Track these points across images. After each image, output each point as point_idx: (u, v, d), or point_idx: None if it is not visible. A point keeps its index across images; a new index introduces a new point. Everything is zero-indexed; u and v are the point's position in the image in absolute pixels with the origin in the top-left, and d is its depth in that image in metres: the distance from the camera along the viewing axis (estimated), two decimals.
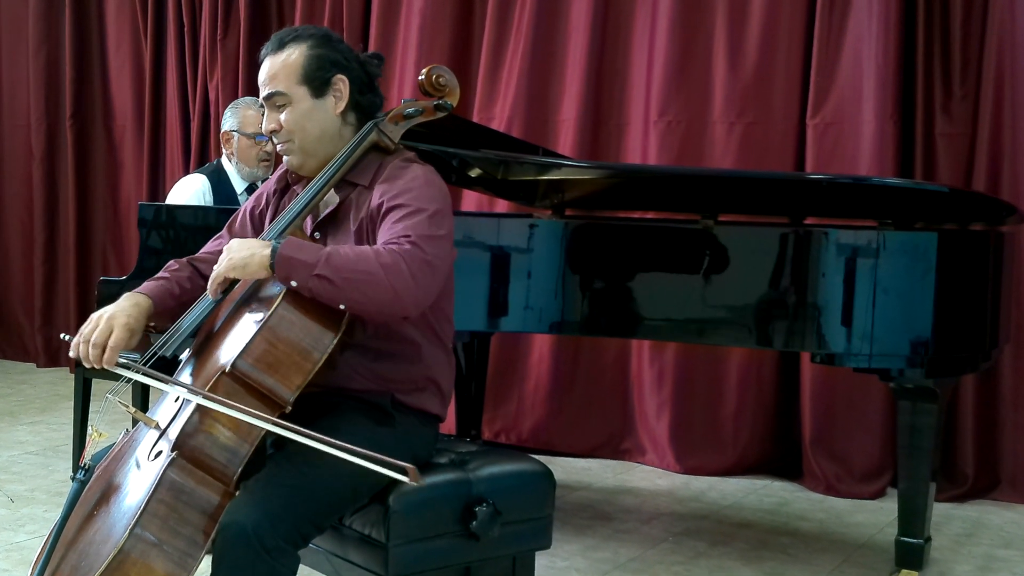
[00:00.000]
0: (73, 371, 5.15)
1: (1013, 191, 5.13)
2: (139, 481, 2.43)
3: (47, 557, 2.40)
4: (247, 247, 2.52)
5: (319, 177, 2.73)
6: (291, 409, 2.46)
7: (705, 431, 5.70)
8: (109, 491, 2.50)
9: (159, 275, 2.84)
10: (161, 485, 2.35)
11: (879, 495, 5.30)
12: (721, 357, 5.66)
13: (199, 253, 2.98)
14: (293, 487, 2.47)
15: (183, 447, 2.40)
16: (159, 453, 2.44)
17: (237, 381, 2.42)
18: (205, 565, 2.37)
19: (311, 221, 2.79)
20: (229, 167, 4.78)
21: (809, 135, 5.43)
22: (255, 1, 7.08)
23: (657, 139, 5.69)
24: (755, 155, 5.52)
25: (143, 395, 4.48)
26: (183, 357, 2.70)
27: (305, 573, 2.68)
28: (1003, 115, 5.18)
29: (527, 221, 4.23)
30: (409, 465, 2.24)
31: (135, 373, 2.51)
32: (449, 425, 5.36)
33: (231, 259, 2.51)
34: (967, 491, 5.25)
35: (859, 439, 5.37)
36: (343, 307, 2.48)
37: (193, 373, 2.58)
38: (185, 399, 2.49)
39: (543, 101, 6.03)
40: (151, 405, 2.66)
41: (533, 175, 4.51)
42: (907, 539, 4.02)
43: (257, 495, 2.42)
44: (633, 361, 5.90)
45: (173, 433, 2.43)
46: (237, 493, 2.43)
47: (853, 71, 5.31)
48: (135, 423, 2.68)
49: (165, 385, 2.49)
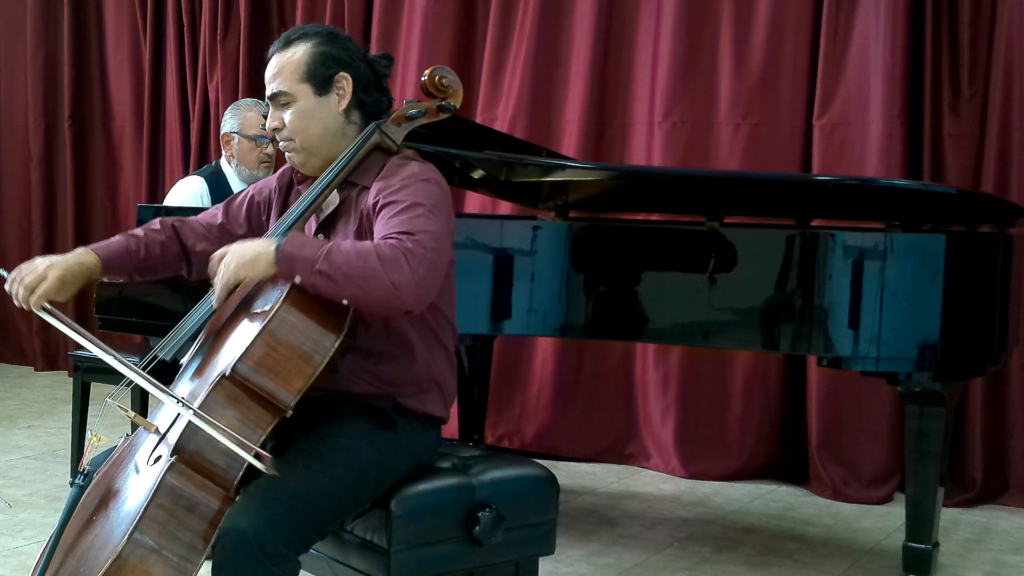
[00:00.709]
0: (72, 375, 5.16)
1: (1022, 192, 5.11)
2: (138, 486, 2.43)
3: (46, 563, 2.40)
4: (251, 248, 2.52)
5: (321, 179, 2.74)
6: (292, 414, 2.47)
7: (710, 435, 5.69)
8: (108, 496, 2.50)
9: (132, 232, 2.91)
10: (160, 490, 2.35)
11: (886, 500, 5.29)
12: (727, 360, 5.66)
13: (190, 219, 3.00)
14: (294, 492, 2.47)
15: (183, 452, 2.40)
16: (158, 458, 2.44)
17: (238, 385, 2.43)
18: (205, 571, 2.37)
19: (314, 222, 2.80)
20: (228, 169, 4.78)
21: (816, 136, 5.43)
22: (255, 1, 7.08)
23: (662, 140, 5.69)
24: (761, 156, 5.51)
25: (142, 399, 4.48)
26: (183, 361, 2.70)
27: None
28: (1012, 115, 5.17)
29: (531, 223, 4.23)
30: (266, 454, 2.35)
31: (135, 377, 2.51)
32: (452, 429, 5.36)
33: (238, 261, 2.51)
34: (975, 496, 5.25)
35: (866, 443, 5.37)
36: (345, 302, 2.49)
37: (193, 377, 2.58)
38: (185, 403, 2.49)
39: (547, 101, 6.03)
40: (151, 409, 2.66)
41: (536, 176, 4.51)
42: (915, 545, 4.02)
43: (257, 500, 2.42)
44: (638, 364, 5.90)
45: (173, 438, 2.43)
46: (237, 498, 2.43)
47: (860, 71, 5.31)
48: (134, 427, 2.69)
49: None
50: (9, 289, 2.67)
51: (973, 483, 5.28)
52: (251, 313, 2.55)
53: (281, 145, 2.82)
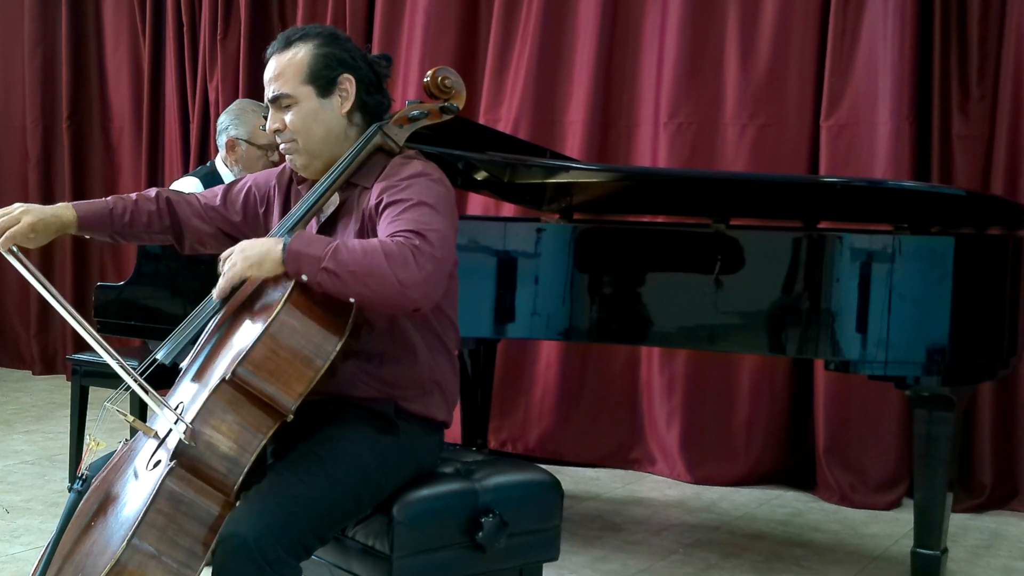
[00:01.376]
0: (70, 379, 5.16)
1: None
2: (137, 491, 2.43)
3: (44, 569, 2.41)
4: (259, 245, 2.53)
5: (323, 181, 2.74)
6: (293, 418, 2.47)
7: (717, 440, 5.69)
8: (107, 501, 2.50)
9: (126, 195, 2.94)
10: (160, 495, 2.35)
11: (895, 506, 5.29)
12: (733, 364, 5.65)
13: (189, 194, 3.02)
14: (295, 497, 2.47)
15: (182, 456, 2.40)
16: (158, 462, 2.44)
17: (238, 389, 2.43)
18: None
19: (315, 223, 2.80)
20: (224, 171, 4.76)
21: (823, 137, 5.42)
22: (256, 0, 7.09)
23: (667, 141, 5.69)
24: (768, 158, 5.51)
25: (141, 404, 4.48)
26: (183, 365, 2.71)
27: None
28: (1022, 116, 5.17)
29: (534, 225, 4.23)
30: (186, 422, 2.41)
31: (133, 382, 2.51)
32: (455, 434, 5.36)
33: (246, 258, 2.52)
34: (985, 501, 5.24)
35: (874, 448, 5.36)
36: (352, 300, 2.49)
37: (194, 380, 2.59)
38: (185, 407, 2.50)
39: (550, 102, 6.03)
40: (150, 414, 2.67)
41: (540, 178, 4.52)
42: (923, 551, 4.01)
43: (258, 506, 2.42)
44: (643, 368, 5.90)
45: (172, 442, 2.43)
46: (237, 503, 2.43)
47: (868, 71, 5.31)
48: (133, 432, 2.69)
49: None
50: None
51: (982, 488, 5.27)
52: (252, 316, 2.55)
53: (282, 147, 2.82)
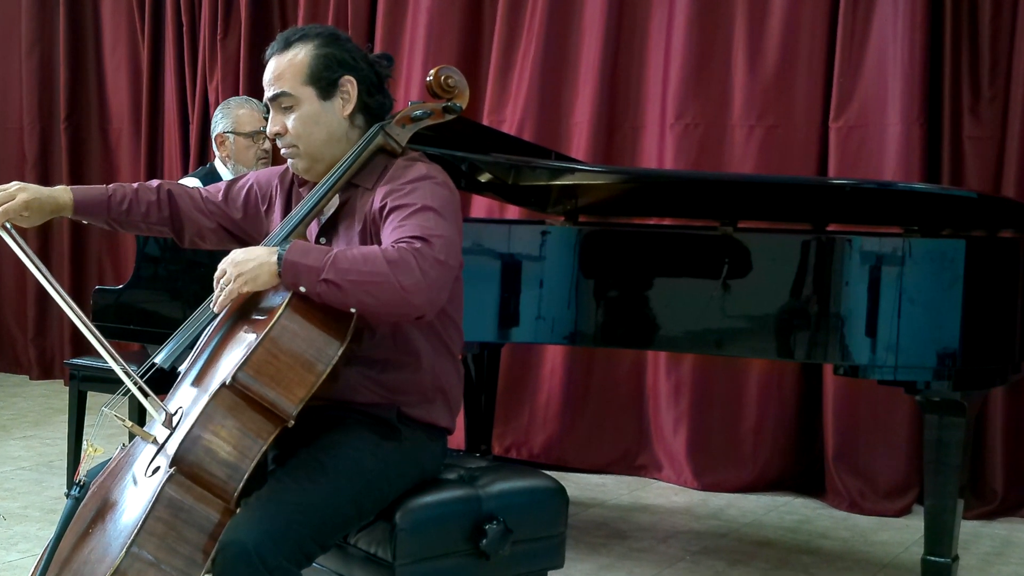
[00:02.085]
0: (67, 384, 5.16)
1: None
2: (136, 498, 2.43)
3: None
4: (253, 258, 2.51)
5: (324, 182, 2.74)
6: (294, 424, 2.47)
7: (724, 446, 5.69)
8: (105, 508, 2.50)
9: (127, 184, 2.96)
10: (159, 502, 2.35)
11: (905, 512, 5.28)
12: (741, 369, 5.65)
13: (193, 188, 3.03)
14: (296, 504, 2.47)
15: (182, 462, 2.40)
16: (157, 469, 2.44)
17: (238, 394, 2.43)
18: None
19: (316, 226, 2.80)
20: (223, 170, 4.78)
21: (832, 139, 5.42)
22: (256, 0, 7.09)
23: (674, 143, 5.69)
24: (776, 159, 5.51)
25: (140, 409, 4.45)
26: (182, 369, 2.71)
27: None
28: None
29: (539, 228, 4.23)
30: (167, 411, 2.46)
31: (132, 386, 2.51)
32: (458, 440, 5.37)
33: (240, 274, 2.50)
34: (996, 508, 5.24)
35: (884, 454, 5.36)
36: (354, 311, 2.49)
37: (193, 385, 2.59)
38: (184, 412, 2.50)
39: (556, 103, 6.03)
40: (149, 419, 2.67)
41: (545, 180, 4.52)
42: (934, 558, 4.00)
43: (258, 512, 2.43)
44: (649, 373, 5.89)
45: (171, 448, 2.43)
46: (238, 510, 2.43)
47: (878, 72, 5.31)
48: (132, 438, 2.69)
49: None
50: None
51: (994, 495, 5.27)
52: (252, 320, 2.55)
53: (283, 151, 2.81)
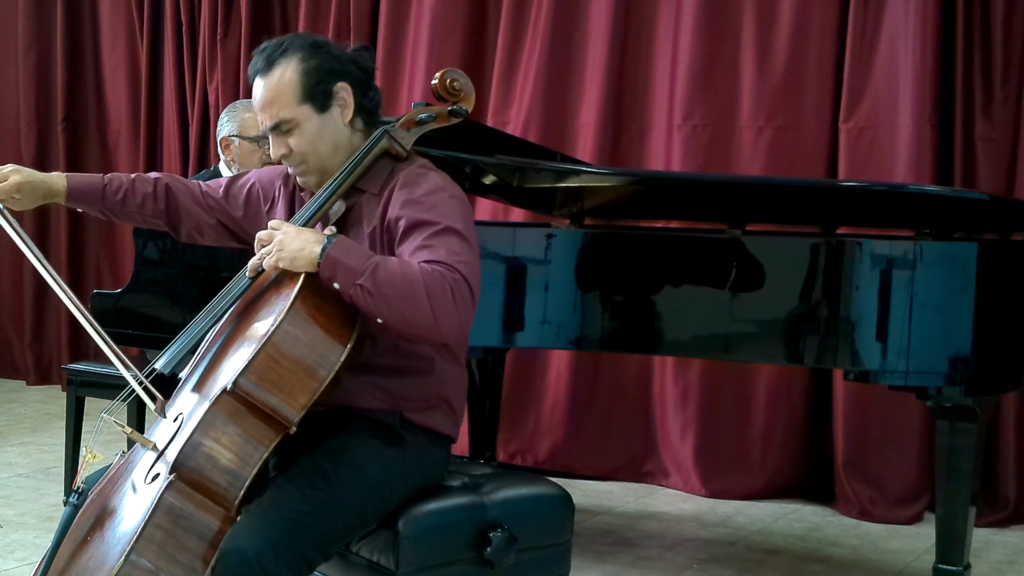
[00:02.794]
0: (65, 389, 5.16)
1: None
2: (135, 505, 2.43)
3: None
4: (301, 239, 2.54)
5: (327, 185, 2.74)
6: (295, 430, 2.47)
7: (732, 452, 5.69)
8: (103, 516, 2.50)
9: (124, 175, 2.99)
10: (158, 509, 2.35)
11: (916, 520, 5.28)
12: (749, 374, 5.65)
13: (192, 182, 3.04)
14: (297, 512, 2.47)
15: (182, 469, 2.40)
16: (156, 476, 2.44)
17: (239, 400, 2.43)
18: None
19: (320, 229, 2.79)
20: (227, 173, 4.79)
21: (842, 140, 5.42)
22: None
23: (681, 144, 5.69)
24: (785, 161, 5.51)
25: (139, 415, 4.48)
26: (183, 375, 2.71)
27: None
28: None
29: (544, 231, 4.23)
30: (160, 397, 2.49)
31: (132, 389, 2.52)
32: (462, 446, 5.36)
33: (283, 251, 2.54)
34: (1009, 516, 5.24)
35: (895, 461, 5.35)
36: (380, 321, 2.49)
37: (194, 391, 2.59)
38: (185, 418, 2.50)
39: (561, 104, 6.03)
40: (148, 425, 2.67)
41: (550, 182, 4.51)
42: (945, 567, 4.00)
43: (259, 520, 2.43)
44: (656, 379, 5.89)
45: (171, 455, 2.43)
46: (238, 518, 2.43)
47: (888, 72, 5.30)
48: (131, 444, 2.69)
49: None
50: None
51: (1006, 502, 5.26)
52: (254, 325, 2.55)
53: (291, 171, 2.81)
